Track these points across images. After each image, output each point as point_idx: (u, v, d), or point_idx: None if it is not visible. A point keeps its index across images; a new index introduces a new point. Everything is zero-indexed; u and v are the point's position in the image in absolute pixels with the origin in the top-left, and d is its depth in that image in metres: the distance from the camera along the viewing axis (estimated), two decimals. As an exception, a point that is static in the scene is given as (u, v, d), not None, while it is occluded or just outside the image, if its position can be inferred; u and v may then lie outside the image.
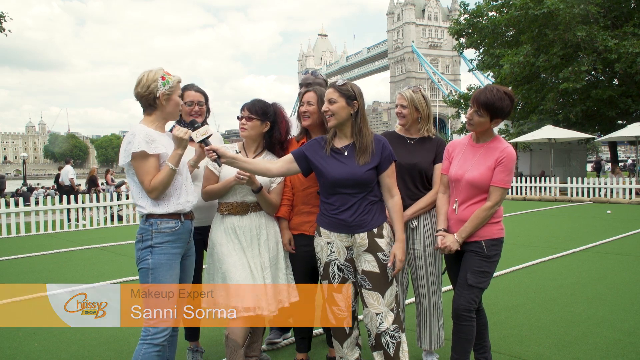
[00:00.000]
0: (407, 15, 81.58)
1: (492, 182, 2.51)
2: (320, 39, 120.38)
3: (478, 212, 2.52)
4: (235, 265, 2.58)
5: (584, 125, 20.25)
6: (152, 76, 2.29)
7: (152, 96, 2.30)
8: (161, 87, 2.29)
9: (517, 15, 18.49)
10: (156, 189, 2.26)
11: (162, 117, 2.37)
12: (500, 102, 2.47)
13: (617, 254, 6.36)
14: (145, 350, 2.25)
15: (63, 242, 8.58)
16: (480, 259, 2.53)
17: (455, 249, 2.57)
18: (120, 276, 5.56)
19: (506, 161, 2.50)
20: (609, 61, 17.54)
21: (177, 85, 2.35)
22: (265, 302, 2.58)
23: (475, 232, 2.54)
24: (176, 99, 2.36)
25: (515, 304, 4.25)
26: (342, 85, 2.46)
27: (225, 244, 2.63)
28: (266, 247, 2.66)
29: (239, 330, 2.58)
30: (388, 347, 2.40)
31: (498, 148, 2.54)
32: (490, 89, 2.51)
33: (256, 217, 2.67)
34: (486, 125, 2.55)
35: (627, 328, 3.56)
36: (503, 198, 2.54)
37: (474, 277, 2.51)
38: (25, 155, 32.15)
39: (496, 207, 2.52)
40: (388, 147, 2.49)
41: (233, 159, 2.45)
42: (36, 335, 3.69)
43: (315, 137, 2.62)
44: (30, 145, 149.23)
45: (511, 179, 2.54)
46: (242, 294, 2.54)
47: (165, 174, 2.27)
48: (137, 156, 2.23)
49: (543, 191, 15.90)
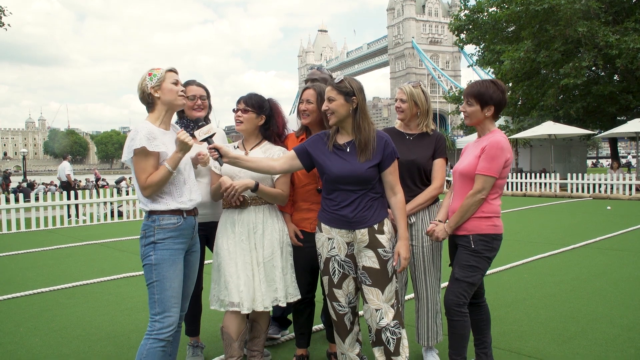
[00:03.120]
0: (408, 10, 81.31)
1: (476, 170, 2.52)
2: (320, 34, 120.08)
3: (463, 200, 2.54)
4: (225, 259, 2.63)
5: (585, 121, 20.25)
6: (142, 78, 2.36)
7: (146, 94, 2.34)
8: (149, 82, 2.32)
9: (517, 11, 18.45)
10: (150, 187, 2.26)
11: (164, 109, 2.37)
12: (485, 89, 2.55)
13: (617, 250, 6.37)
14: (151, 345, 2.26)
15: (63, 238, 8.59)
16: (468, 254, 2.53)
17: (442, 237, 2.61)
18: (120, 272, 5.58)
19: (488, 148, 2.50)
20: (609, 57, 17.51)
21: (166, 74, 2.35)
22: (260, 297, 2.60)
23: (464, 225, 2.55)
24: (169, 86, 2.34)
25: (515, 299, 4.26)
26: (340, 83, 2.45)
27: (222, 237, 2.68)
28: (262, 243, 2.66)
29: (232, 324, 2.62)
30: (388, 343, 2.41)
31: (487, 138, 2.57)
32: (477, 81, 2.63)
33: (255, 211, 2.68)
34: (479, 114, 2.57)
35: (627, 323, 3.57)
36: (487, 187, 2.49)
37: (461, 271, 2.53)
38: (25, 151, 32.12)
39: (479, 195, 2.50)
40: (391, 145, 2.48)
41: (235, 159, 2.45)
42: (37, 331, 3.70)
43: (318, 133, 2.62)
44: (30, 141, 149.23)
45: (494, 167, 2.48)
46: (230, 289, 2.59)
47: (162, 174, 2.27)
48: (138, 152, 2.24)
49: (543, 187, 15.90)
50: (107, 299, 4.56)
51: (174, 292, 2.30)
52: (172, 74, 2.37)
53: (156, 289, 2.27)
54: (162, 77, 2.34)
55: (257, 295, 2.60)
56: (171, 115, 2.44)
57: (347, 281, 2.54)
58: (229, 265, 2.61)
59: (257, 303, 2.60)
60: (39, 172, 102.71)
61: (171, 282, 2.28)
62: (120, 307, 4.30)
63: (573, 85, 17.99)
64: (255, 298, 2.60)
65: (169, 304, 2.28)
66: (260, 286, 2.61)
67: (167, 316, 2.28)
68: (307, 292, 2.83)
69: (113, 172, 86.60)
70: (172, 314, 2.29)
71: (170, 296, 2.28)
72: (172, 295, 2.28)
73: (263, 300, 2.61)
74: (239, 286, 2.58)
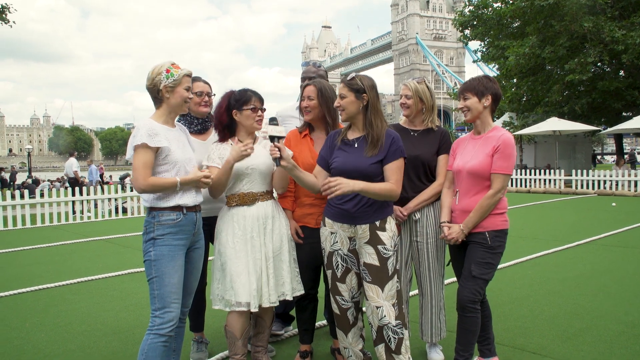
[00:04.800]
0: (412, 6, 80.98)
1: (492, 169, 2.53)
2: (324, 30, 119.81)
3: (482, 201, 2.53)
4: (231, 257, 2.58)
5: (590, 117, 20.11)
6: (158, 69, 2.30)
7: (156, 89, 2.31)
8: (164, 80, 2.28)
9: (522, 7, 18.32)
10: (148, 187, 2.23)
11: (169, 110, 2.36)
12: (478, 81, 2.61)
13: (622, 247, 6.34)
14: (152, 341, 2.27)
15: (68, 234, 8.64)
16: (484, 250, 2.54)
17: (461, 239, 2.59)
18: (125, 268, 5.60)
19: (503, 147, 2.52)
20: (615, 52, 17.37)
21: (183, 78, 2.32)
22: (267, 293, 2.59)
23: (479, 223, 2.55)
24: (181, 92, 2.33)
25: (519, 296, 4.25)
26: (351, 80, 2.47)
27: (226, 234, 2.63)
28: (271, 237, 2.66)
29: (236, 323, 2.60)
30: (390, 342, 2.41)
31: (495, 136, 2.58)
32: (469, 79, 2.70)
33: (263, 206, 2.67)
34: (478, 107, 2.58)
35: (631, 320, 3.56)
36: (505, 185, 2.55)
37: (478, 269, 2.52)
38: (30, 148, 32.31)
39: (499, 194, 2.53)
40: (397, 143, 2.46)
41: (293, 167, 2.46)
42: (43, 327, 3.73)
43: (330, 133, 2.67)
44: (35, 138, 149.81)
45: (511, 165, 2.54)
46: (236, 288, 2.54)
47: (167, 183, 2.27)
48: (138, 148, 2.24)
49: (548, 183, 15.84)
50: (112, 295, 4.59)
51: (174, 287, 2.30)
52: (187, 80, 2.35)
53: (156, 285, 2.28)
54: (178, 80, 2.31)
55: (265, 291, 2.60)
56: (175, 115, 2.44)
57: (350, 275, 2.55)
58: (236, 265, 2.57)
59: (264, 299, 2.59)
60: (43, 168, 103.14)
61: (170, 278, 2.28)
62: (125, 302, 4.32)
63: (578, 81, 17.87)
64: (262, 294, 2.60)
65: (168, 299, 2.28)
66: (268, 282, 2.61)
67: (167, 311, 2.28)
68: (311, 288, 2.84)
69: (117, 169, 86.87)
70: (172, 310, 2.29)
71: (169, 292, 2.28)
72: (171, 291, 2.29)
73: (270, 296, 2.61)
74: (251, 284, 2.55)
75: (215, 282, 2.66)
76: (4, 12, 15.77)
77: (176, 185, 2.28)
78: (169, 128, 2.36)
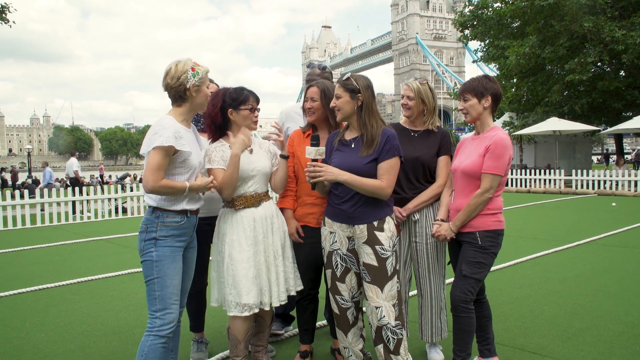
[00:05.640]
0: (412, 6, 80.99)
1: (482, 169, 2.53)
2: (324, 30, 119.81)
3: (470, 200, 2.54)
4: (237, 259, 2.55)
5: (590, 117, 20.10)
6: (182, 67, 2.25)
7: (183, 88, 2.26)
8: (191, 79, 2.25)
9: (522, 7, 18.31)
10: (160, 189, 2.20)
11: (191, 108, 2.35)
12: (478, 82, 2.60)
13: (622, 247, 6.34)
14: (152, 342, 2.27)
15: (68, 234, 8.64)
16: (475, 250, 2.54)
17: (449, 237, 2.61)
18: (125, 268, 5.60)
19: (493, 147, 2.51)
20: (615, 52, 17.36)
21: (205, 76, 2.31)
22: (277, 292, 2.60)
23: (470, 222, 2.55)
24: (205, 90, 2.33)
25: (519, 296, 4.25)
26: (346, 80, 2.47)
27: (240, 238, 2.57)
28: (278, 235, 2.68)
29: (239, 326, 2.58)
30: (388, 342, 2.41)
31: (489, 136, 2.58)
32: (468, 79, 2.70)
33: (268, 206, 2.68)
34: (478, 107, 2.58)
35: (631, 320, 3.56)
36: (494, 185, 2.52)
37: (468, 268, 2.53)
38: (30, 148, 32.29)
39: (487, 194, 2.51)
40: (392, 142, 2.44)
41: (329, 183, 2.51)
42: (43, 327, 3.73)
43: (330, 134, 2.68)
44: (35, 138, 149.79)
45: (500, 165, 2.50)
46: (251, 292, 2.52)
47: (178, 187, 2.25)
48: (161, 150, 2.17)
49: (547, 183, 15.84)
50: (112, 295, 4.59)
51: (175, 289, 2.30)
52: (207, 76, 2.34)
53: (157, 286, 2.26)
54: (203, 78, 2.29)
55: (274, 290, 2.60)
56: (194, 114, 2.43)
57: (349, 275, 2.55)
58: (243, 268, 2.53)
59: (274, 298, 2.59)
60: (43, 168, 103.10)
61: (172, 279, 2.28)
62: (125, 302, 4.32)
63: (578, 81, 17.86)
64: (272, 294, 2.60)
65: (169, 300, 2.28)
66: (277, 280, 2.61)
67: (168, 313, 2.28)
68: (311, 288, 2.84)
69: (117, 169, 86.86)
70: (172, 311, 2.29)
71: (171, 293, 2.28)
72: (172, 292, 2.28)
73: (280, 294, 2.61)
74: (263, 286, 2.56)
75: (228, 287, 2.57)
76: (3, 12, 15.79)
77: (185, 190, 2.27)
78: (186, 129, 2.34)
